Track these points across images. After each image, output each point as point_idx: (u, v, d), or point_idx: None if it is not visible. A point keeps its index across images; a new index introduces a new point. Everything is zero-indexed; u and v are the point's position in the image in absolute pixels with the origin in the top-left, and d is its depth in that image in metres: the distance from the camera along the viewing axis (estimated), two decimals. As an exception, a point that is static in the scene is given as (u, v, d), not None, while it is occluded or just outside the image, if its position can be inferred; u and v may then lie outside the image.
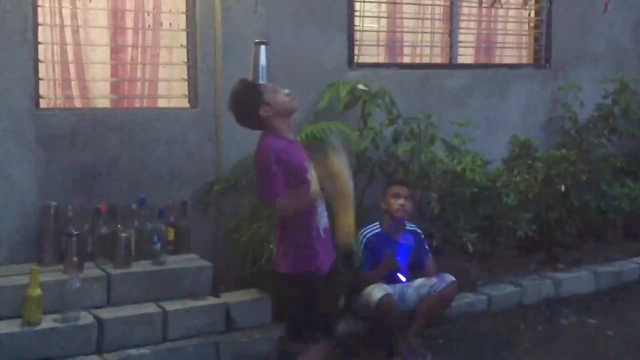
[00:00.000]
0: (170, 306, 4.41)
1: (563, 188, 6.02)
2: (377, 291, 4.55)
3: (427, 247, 5.00)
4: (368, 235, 4.81)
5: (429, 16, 6.45)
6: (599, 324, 5.19)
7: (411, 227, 4.94)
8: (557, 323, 5.24)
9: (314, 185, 3.51)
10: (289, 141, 3.59)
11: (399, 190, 4.85)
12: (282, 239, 3.60)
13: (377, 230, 4.83)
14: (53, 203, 4.60)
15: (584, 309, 5.46)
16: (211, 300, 4.57)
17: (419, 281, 4.76)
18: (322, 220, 3.59)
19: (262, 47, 4.70)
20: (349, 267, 4.75)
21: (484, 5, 6.29)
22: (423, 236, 4.99)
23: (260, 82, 4.49)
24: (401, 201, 4.80)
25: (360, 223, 4.81)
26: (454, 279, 4.74)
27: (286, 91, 3.61)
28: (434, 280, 4.71)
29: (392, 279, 4.74)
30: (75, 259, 4.34)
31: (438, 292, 4.66)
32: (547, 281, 5.69)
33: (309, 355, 3.58)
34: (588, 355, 4.67)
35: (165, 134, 5.05)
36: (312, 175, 3.53)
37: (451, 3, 6.31)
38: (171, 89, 5.34)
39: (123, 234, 4.58)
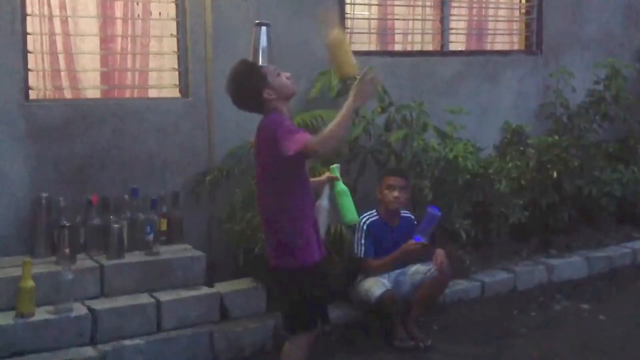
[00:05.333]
0: (164, 296, 4.40)
1: (555, 174, 6.04)
2: (376, 288, 4.56)
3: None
4: (367, 222, 4.81)
5: (420, 3, 6.43)
6: (592, 309, 5.21)
7: (404, 214, 4.95)
8: (551, 309, 5.26)
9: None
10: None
11: (393, 182, 4.84)
12: (275, 233, 3.45)
13: (374, 218, 4.84)
14: (44, 195, 4.57)
15: (577, 295, 5.49)
16: (205, 290, 4.56)
17: (413, 268, 4.77)
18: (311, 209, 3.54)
19: (263, 28, 4.50)
20: (342, 255, 4.75)
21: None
22: (416, 222, 4.99)
23: (261, 64, 4.29)
24: (395, 193, 4.80)
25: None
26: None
27: (287, 74, 3.51)
28: (427, 267, 4.72)
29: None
30: (67, 250, 4.32)
31: (432, 279, 4.67)
32: (540, 267, 5.72)
33: (297, 343, 3.50)
34: (581, 340, 4.69)
35: (157, 124, 5.02)
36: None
37: (442, -10, 6.31)
38: (162, 79, 5.31)
39: (115, 225, 4.56)
